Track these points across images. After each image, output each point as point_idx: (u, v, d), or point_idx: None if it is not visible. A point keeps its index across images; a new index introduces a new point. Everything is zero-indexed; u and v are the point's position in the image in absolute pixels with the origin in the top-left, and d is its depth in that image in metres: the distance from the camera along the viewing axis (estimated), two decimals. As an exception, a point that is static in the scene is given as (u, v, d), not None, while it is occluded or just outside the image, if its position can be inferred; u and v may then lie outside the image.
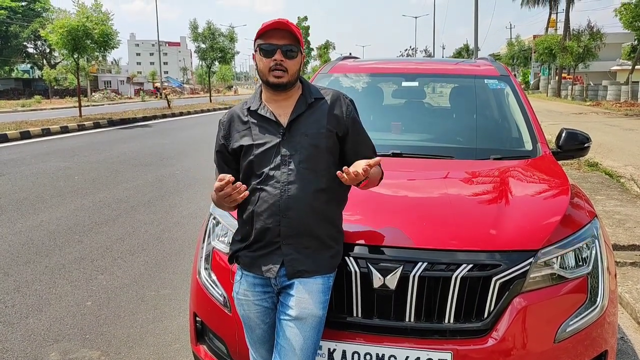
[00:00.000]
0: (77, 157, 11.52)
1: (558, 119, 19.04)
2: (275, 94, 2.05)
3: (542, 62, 46.86)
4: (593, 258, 2.24)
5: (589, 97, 35.92)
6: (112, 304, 4.04)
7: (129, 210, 6.82)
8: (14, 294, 4.20)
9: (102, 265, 4.84)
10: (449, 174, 2.93)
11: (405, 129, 3.70)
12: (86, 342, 3.46)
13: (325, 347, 2.09)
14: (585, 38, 36.46)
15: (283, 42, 1.97)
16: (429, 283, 2.03)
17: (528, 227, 2.25)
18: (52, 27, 19.32)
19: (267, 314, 2.08)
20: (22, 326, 3.67)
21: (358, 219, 2.30)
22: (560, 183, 2.68)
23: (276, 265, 2.00)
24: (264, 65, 1.99)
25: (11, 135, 14.76)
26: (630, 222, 5.66)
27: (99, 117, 20.99)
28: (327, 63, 4.42)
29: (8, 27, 56.28)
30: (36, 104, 37.12)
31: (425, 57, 62.87)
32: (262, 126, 2.04)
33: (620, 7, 29.92)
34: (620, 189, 7.44)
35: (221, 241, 2.46)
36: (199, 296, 2.48)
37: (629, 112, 24.44)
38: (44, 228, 5.98)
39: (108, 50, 21.21)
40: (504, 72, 3.85)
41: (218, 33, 35.52)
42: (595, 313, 2.15)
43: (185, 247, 5.35)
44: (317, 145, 2.01)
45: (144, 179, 8.95)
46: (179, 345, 3.42)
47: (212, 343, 2.46)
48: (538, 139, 3.27)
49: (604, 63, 45.86)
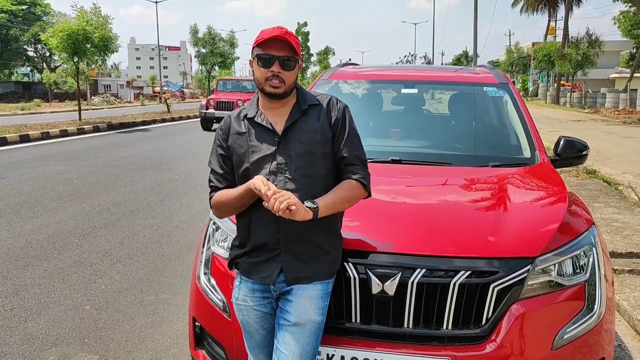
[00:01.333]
0: (77, 160, 11.53)
1: (556, 126, 19.09)
2: (271, 101, 2.05)
3: (541, 69, 47.03)
4: (590, 265, 2.25)
5: (588, 105, 36.05)
6: (111, 308, 4.04)
7: (128, 214, 6.83)
8: (13, 298, 4.20)
9: (101, 269, 4.84)
10: (447, 181, 2.95)
11: (405, 136, 3.72)
12: (85, 346, 3.46)
13: (324, 352, 2.10)
14: (584, 46, 36.59)
15: (282, 53, 1.97)
16: (427, 289, 2.05)
17: (526, 234, 2.26)
18: (52, 31, 19.35)
19: (266, 319, 2.09)
20: (21, 330, 3.67)
21: (357, 225, 2.31)
22: (558, 191, 2.70)
23: (275, 271, 2.01)
24: (261, 75, 1.99)
25: (11, 138, 14.76)
26: (628, 230, 5.68)
27: (99, 121, 21.02)
28: (327, 69, 4.44)
29: (8, 31, 56.41)
30: (35, 107, 37.14)
31: (425, 64, 63.03)
32: (259, 134, 2.05)
33: (619, 15, 30.10)
34: (618, 197, 7.46)
35: (221, 246, 2.47)
36: (199, 301, 2.48)
37: (627, 119, 24.52)
38: (43, 232, 5.99)
39: (108, 54, 21.24)
40: (503, 80, 3.88)
41: (218, 38, 35.68)
42: (592, 320, 2.16)
43: (184, 251, 5.36)
44: (313, 152, 2.01)
45: (143, 183, 8.96)
46: (177, 349, 3.43)
47: (210, 348, 2.47)
48: (536, 147, 3.29)
49: (603, 71, 46.02)
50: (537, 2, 50.64)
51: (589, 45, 36.56)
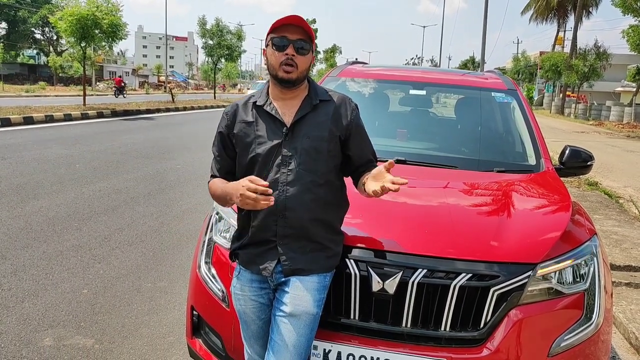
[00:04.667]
0: (79, 145, 11.53)
1: (560, 136, 19.08)
2: (282, 91, 2.05)
3: (547, 79, 46.97)
4: (591, 275, 2.26)
5: (592, 117, 36.00)
6: (108, 293, 4.05)
7: (129, 201, 6.84)
8: (11, 277, 4.20)
9: (99, 254, 4.84)
10: (452, 183, 2.95)
11: (411, 137, 3.72)
12: (81, 330, 3.46)
13: (320, 347, 2.11)
14: (591, 57, 36.56)
15: (296, 37, 1.98)
16: (427, 290, 2.05)
17: (528, 240, 2.26)
18: (61, 14, 19.34)
19: (262, 310, 2.09)
20: (18, 310, 3.68)
21: (360, 222, 2.32)
22: (561, 199, 2.70)
23: (272, 263, 2.02)
24: (275, 59, 1.99)
25: (14, 119, 14.78)
26: (627, 243, 5.68)
27: (103, 107, 21.02)
28: (336, 67, 4.44)
29: (17, 12, 56.36)
30: (40, 90, 37.18)
31: (432, 67, 62.97)
32: (266, 123, 2.04)
33: (628, 28, 30.02)
34: (618, 210, 7.46)
35: (223, 236, 2.47)
36: (198, 290, 2.49)
37: (631, 133, 24.50)
38: (43, 214, 5.99)
39: (116, 41, 21.23)
40: (511, 86, 3.88)
41: (226, 30, 35.57)
42: (589, 330, 2.16)
43: (183, 240, 5.36)
44: (318, 148, 2.02)
45: (145, 171, 8.96)
46: (173, 338, 3.43)
47: (207, 337, 2.47)
48: (542, 155, 3.29)
49: (609, 83, 45.96)
50: (547, 11, 50.66)
51: (596, 57, 36.53)
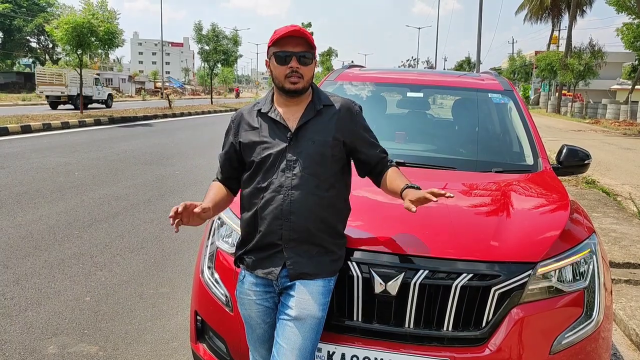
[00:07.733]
0: (78, 153, 11.54)
1: (557, 135, 19.15)
2: (287, 99, 2.09)
3: (543, 78, 47.12)
4: (590, 273, 2.28)
5: (588, 115, 36.12)
6: (111, 300, 4.06)
7: (129, 208, 6.85)
8: (14, 287, 4.21)
9: (101, 262, 4.86)
10: (451, 184, 2.97)
11: (409, 139, 3.75)
12: (84, 337, 3.48)
13: (324, 349, 2.12)
14: (586, 56, 36.70)
15: (298, 49, 2.01)
16: (429, 290, 2.07)
17: (528, 239, 2.29)
18: (57, 23, 19.36)
19: (268, 313, 2.11)
20: (21, 319, 3.69)
21: (361, 224, 2.34)
22: (560, 198, 2.73)
23: (277, 267, 2.04)
24: (279, 73, 2.03)
25: (12, 128, 14.78)
26: (625, 241, 5.71)
27: (100, 115, 21.03)
28: (333, 71, 4.47)
29: (12, 21, 56.35)
30: (37, 99, 37.07)
31: (427, 68, 63.12)
32: (271, 129, 2.08)
33: (622, 26, 30.18)
34: (616, 207, 7.50)
35: (225, 241, 2.49)
36: (201, 295, 2.50)
37: (627, 131, 24.58)
38: (44, 222, 6.00)
39: (112, 49, 21.27)
40: (507, 87, 3.91)
41: (222, 35, 35.61)
42: (590, 327, 2.19)
43: (184, 246, 5.38)
44: (323, 153, 2.05)
45: (144, 177, 8.98)
46: (176, 343, 3.45)
47: (212, 342, 2.49)
48: (539, 154, 3.32)
49: (604, 82, 46.18)
50: (541, 10, 50.82)
51: (591, 56, 36.67)
